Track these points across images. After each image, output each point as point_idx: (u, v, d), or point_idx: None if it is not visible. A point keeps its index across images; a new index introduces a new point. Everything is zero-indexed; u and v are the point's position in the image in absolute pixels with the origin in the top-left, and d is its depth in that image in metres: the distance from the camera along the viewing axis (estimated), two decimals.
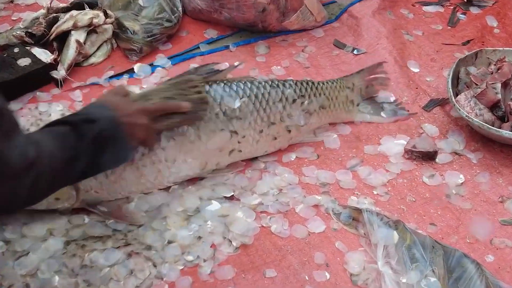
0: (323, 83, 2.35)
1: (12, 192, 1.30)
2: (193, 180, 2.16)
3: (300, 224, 2.03)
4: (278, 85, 2.24)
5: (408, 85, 2.62)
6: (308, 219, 2.05)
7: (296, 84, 2.28)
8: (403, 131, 2.40)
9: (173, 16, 2.85)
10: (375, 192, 2.15)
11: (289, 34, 2.94)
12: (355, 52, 2.82)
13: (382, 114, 2.46)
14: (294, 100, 2.25)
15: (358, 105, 2.44)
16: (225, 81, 2.17)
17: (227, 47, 2.86)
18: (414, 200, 2.13)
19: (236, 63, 2.30)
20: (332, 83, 2.38)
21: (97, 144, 1.58)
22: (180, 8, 2.93)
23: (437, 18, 3.11)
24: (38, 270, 1.83)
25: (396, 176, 2.21)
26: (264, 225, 2.02)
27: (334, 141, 2.35)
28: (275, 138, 2.24)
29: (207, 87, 2.10)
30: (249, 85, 2.19)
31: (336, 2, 3.20)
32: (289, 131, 2.26)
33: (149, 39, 2.76)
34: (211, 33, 2.94)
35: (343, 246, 1.96)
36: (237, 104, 2.12)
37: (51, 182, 1.47)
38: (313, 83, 2.32)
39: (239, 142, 2.16)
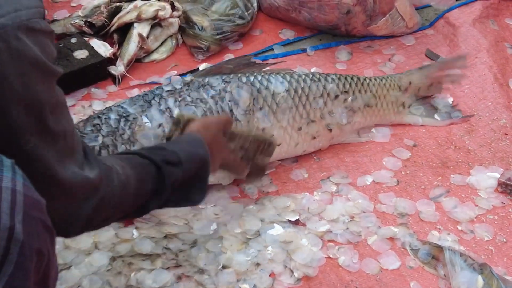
0: (370, 79, 2.40)
1: (70, 213, 1.32)
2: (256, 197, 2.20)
3: (371, 258, 2.03)
4: (319, 79, 2.30)
5: (507, 106, 2.59)
6: (381, 253, 2.05)
7: (339, 78, 2.34)
8: (499, 159, 2.38)
9: (246, 13, 2.89)
10: (460, 228, 2.13)
11: (375, 40, 2.95)
12: None
13: (436, 116, 2.51)
14: (336, 96, 2.30)
15: (409, 106, 2.48)
16: (262, 73, 2.26)
17: (304, 50, 2.89)
18: (505, 241, 2.11)
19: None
20: (381, 80, 2.42)
21: (180, 187, 1.63)
22: (255, 4, 2.98)
23: None
24: (79, 286, 1.89)
25: (486, 212, 2.19)
26: (331, 256, 2.03)
27: (383, 135, 2.43)
28: (314, 138, 2.30)
29: (244, 79, 2.19)
30: (288, 78, 2.26)
31: (431, 6, 3.18)
32: (330, 130, 2.31)
33: (218, 36, 2.81)
34: (288, 34, 2.98)
35: (419, 287, 1.95)
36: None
37: (116, 209, 1.50)
38: (358, 78, 2.38)
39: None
